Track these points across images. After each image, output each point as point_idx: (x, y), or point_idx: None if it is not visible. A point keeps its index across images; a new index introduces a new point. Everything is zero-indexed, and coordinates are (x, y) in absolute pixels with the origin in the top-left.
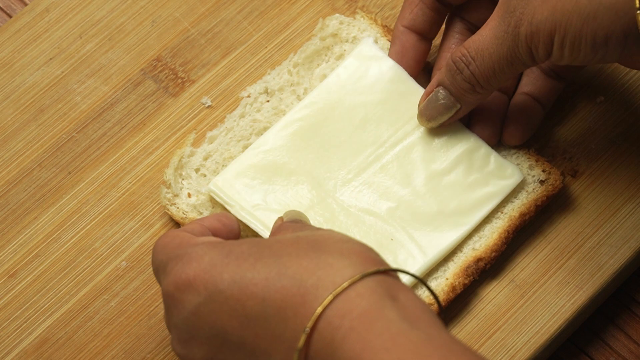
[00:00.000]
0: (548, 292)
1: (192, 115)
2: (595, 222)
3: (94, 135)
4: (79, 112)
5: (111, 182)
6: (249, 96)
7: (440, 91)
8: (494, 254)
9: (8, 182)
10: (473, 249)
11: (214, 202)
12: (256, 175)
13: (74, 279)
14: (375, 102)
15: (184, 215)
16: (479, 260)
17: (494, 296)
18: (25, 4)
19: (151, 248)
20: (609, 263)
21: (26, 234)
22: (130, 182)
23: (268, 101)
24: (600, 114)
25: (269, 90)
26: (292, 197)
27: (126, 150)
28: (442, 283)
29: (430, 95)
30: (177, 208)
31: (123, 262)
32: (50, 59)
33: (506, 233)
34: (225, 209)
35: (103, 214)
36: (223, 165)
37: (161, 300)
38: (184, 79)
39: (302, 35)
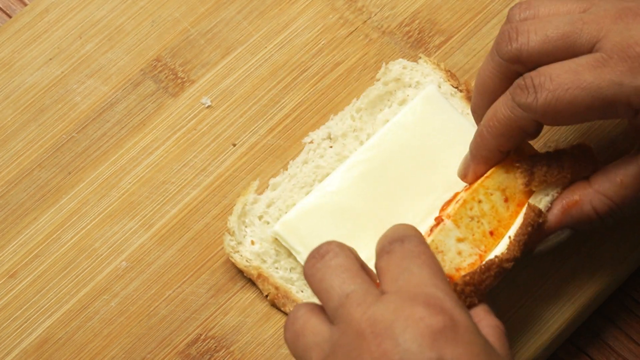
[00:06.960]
0: (548, 292)
1: (192, 115)
2: None
3: (94, 135)
4: (79, 112)
5: (111, 182)
6: (312, 142)
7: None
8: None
9: (8, 183)
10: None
11: (277, 250)
12: (322, 218)
13: (74, 279)
14: (444, 147)
15: (248, 263)
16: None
17: (493, 296)
18: (25, 4)
19: (151, 248)
20: (608, 263)
21: (26, 234)
22: (130, 183)
23: (331, 147)
24: None
25: (332, 136)
26: (359, 242)
27: (126, 150)
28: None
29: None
30: (241, 256)
31: (123, 262)
32: (50, 59)
33: None
34: (290, 254)
35: (103, 214)
36: (286, 213)
37: (161, 299)
38: (184, 79)
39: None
